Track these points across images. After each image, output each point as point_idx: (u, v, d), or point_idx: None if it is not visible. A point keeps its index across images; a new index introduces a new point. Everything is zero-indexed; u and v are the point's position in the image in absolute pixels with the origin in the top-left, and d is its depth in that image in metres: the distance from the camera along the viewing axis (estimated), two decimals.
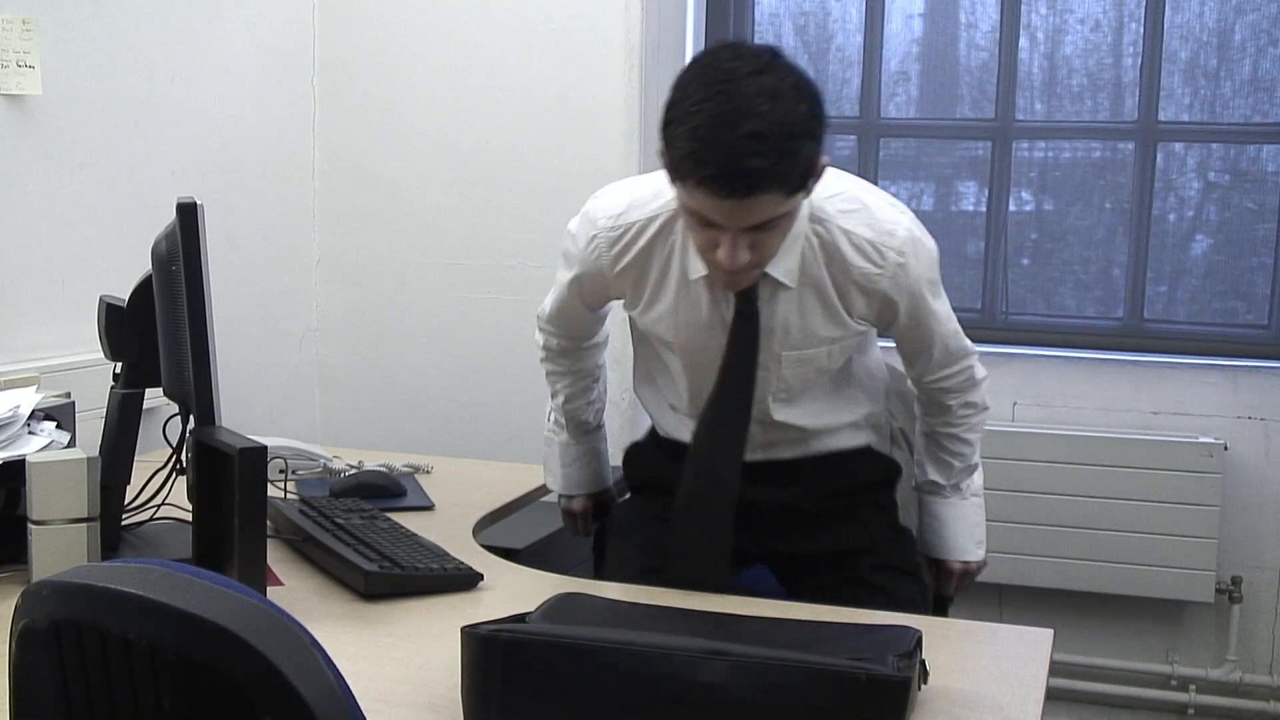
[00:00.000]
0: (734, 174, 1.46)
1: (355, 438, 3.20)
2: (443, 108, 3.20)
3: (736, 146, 1.45)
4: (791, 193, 1.52)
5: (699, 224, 1.57)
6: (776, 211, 1.53)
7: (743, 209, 1.50)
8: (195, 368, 1.64)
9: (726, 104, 1.47)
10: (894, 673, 1.18)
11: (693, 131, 1.47)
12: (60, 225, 2.47)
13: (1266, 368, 3.12)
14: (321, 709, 0.85)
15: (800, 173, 1.51)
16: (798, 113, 1.49)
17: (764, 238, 1.56)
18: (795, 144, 1.48)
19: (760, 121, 1.46)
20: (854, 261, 1.71)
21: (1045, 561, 3.12)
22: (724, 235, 1.54)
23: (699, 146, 1.47)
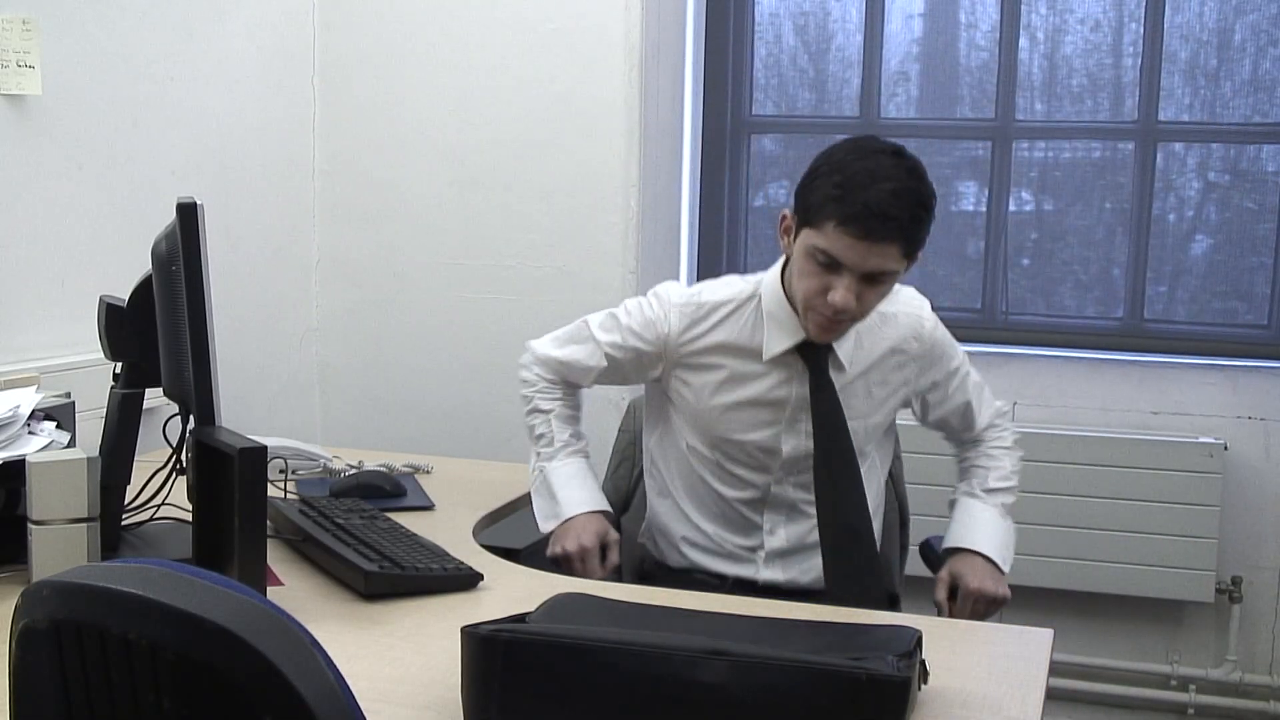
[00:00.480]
0: (874, 217, 1.71)
1: (355, 438, 3.20)
2: (443, 108, 3.20)
3: (880, 196, 1.71)
4: (906, 254, 1.77)
5: (818, 269, 1.78)
6: (890, 266, 1.77)
7: (871, 253, 1.74)
8: (195, 368, 1.64)
9: (873, 166, 1.74)
10: (894, 673, 1.18)
11: (841, 181, 1.73)
12: (60, 225, 2.47)
13: (1266, 368, 3.12)
14: (321, 709, 0.85)
15: (917, 241, 1.77)
16: (926, 190, 1.77)
17: (869, 292, 1.79)
18: (922, 213, 1.76)
19: (900, 184, 1.73)
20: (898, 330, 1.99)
21: (1045, 561, 3.12)
22: (840, 280, 1.77)
23: (846, 192, 1.72)
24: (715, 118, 3.44)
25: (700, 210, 3.47)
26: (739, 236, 3.45)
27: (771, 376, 1.94)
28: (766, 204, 3.47)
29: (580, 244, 3.15)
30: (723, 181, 3.46)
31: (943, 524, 2.11)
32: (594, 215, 3.14)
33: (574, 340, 2.09)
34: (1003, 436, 2.12)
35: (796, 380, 1.94)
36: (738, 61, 3.43)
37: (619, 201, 3.12)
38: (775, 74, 3.45)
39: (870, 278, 1.77)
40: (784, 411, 1.95)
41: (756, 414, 1.96)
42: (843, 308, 1.77)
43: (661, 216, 3.28)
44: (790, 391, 1.94)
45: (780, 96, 3.43)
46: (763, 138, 3.46)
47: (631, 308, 2.02)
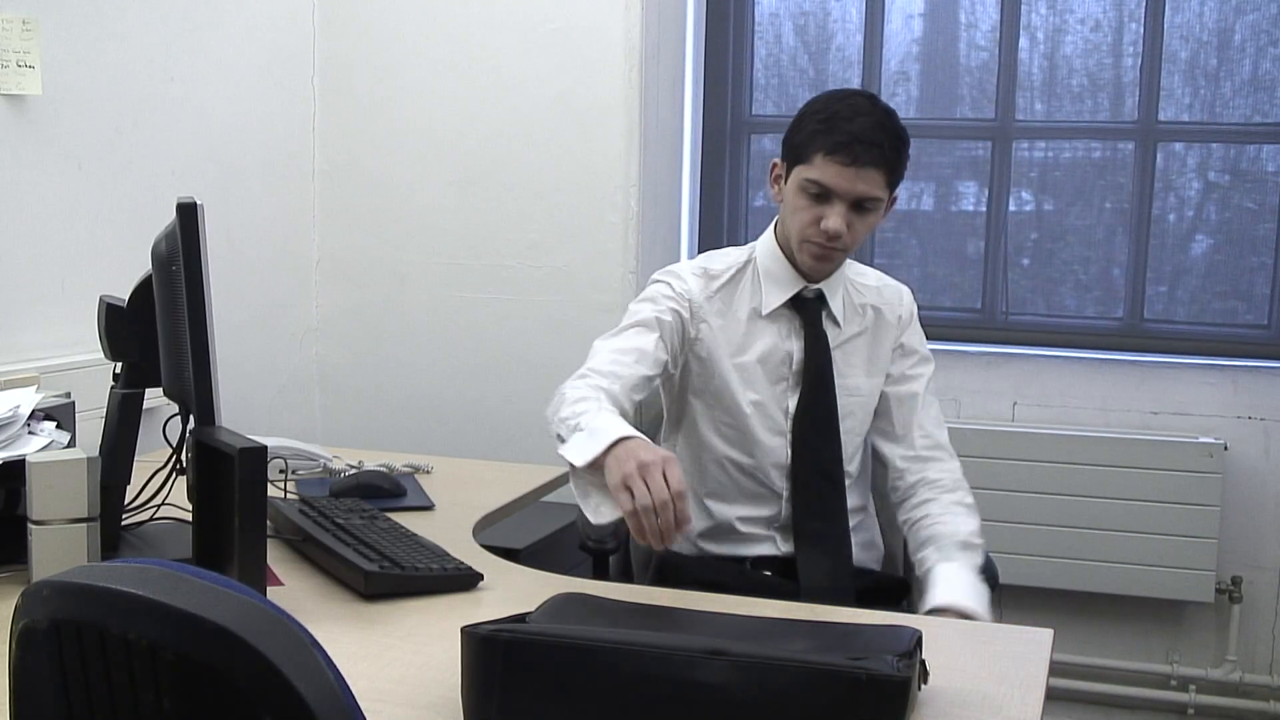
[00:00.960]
0: (860, 143, 1.86)
1: (355, 438, 3.20)
2: (443, 108, 3.21)
3: (863, 127, 1.87)
4: (888, 182, 1.91)
5: (810, 201, 1.91)
6: (876, 192, 1.89)
7: (858, 178, 1.87)
8: (195, 368, 1.64)
9: (854, 103, 1.91)
10: (894, 672, 1.18)
11: (827, 118, 1.89)
12: (60, 225, 2.47)
13: (1266, 368, 3.12)
14: (321, 709, 0.85)
15: (898, 170, 1.92)
16: (901, 128, 1.93)
17: (858, 221, 1.91)
18: (900, 145, 1.91)
19: (879, 118, 1.90)
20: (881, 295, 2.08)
21: (1045, 561, 3.12)
22: (831, 208, 1.89)
23: (832, 124, 1.88)
24: (715, 118, 3.44)
25: (700, 210, 3.47)
26: (739, 236, 3.45)
27: (772, 333, 2.02)
28: (766, 204, 3.47)
29: (580, 244, 3.15)
30: (723, 181, 3.46)
31: None
32: (594, 215, 3.14)
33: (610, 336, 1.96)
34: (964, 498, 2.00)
35: (795, 336, 2.02)
36: (738, 61, 3.43)
37: (619, 201, 3.12)
38: (775, 74, 3.45)
39: (858, 206, 1.90)
40: (789, 368, 2.01)
41: (765, 372, 2.01)
42: (835, 232, 1.89)
43: (661, 216, 3.28)
44: (792, 347, 2.02)
45: (780, 96, 3.43)
46: (763, 138, 3.45)
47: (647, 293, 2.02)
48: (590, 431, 1.69)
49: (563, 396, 1.83)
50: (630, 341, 1.93)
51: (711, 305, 2.01)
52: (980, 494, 3.07)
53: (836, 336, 2.03)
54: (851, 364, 2.04)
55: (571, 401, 1.79)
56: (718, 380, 2.02)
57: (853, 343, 2.05)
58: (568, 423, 1.75)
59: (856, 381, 2.04)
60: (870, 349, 2.06)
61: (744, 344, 2.02)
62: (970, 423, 3.17)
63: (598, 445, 1.65)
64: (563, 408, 1.79)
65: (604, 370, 1.88)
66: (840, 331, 2.04)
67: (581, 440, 1.69)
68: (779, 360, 2.02)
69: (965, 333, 3.30)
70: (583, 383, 1.85)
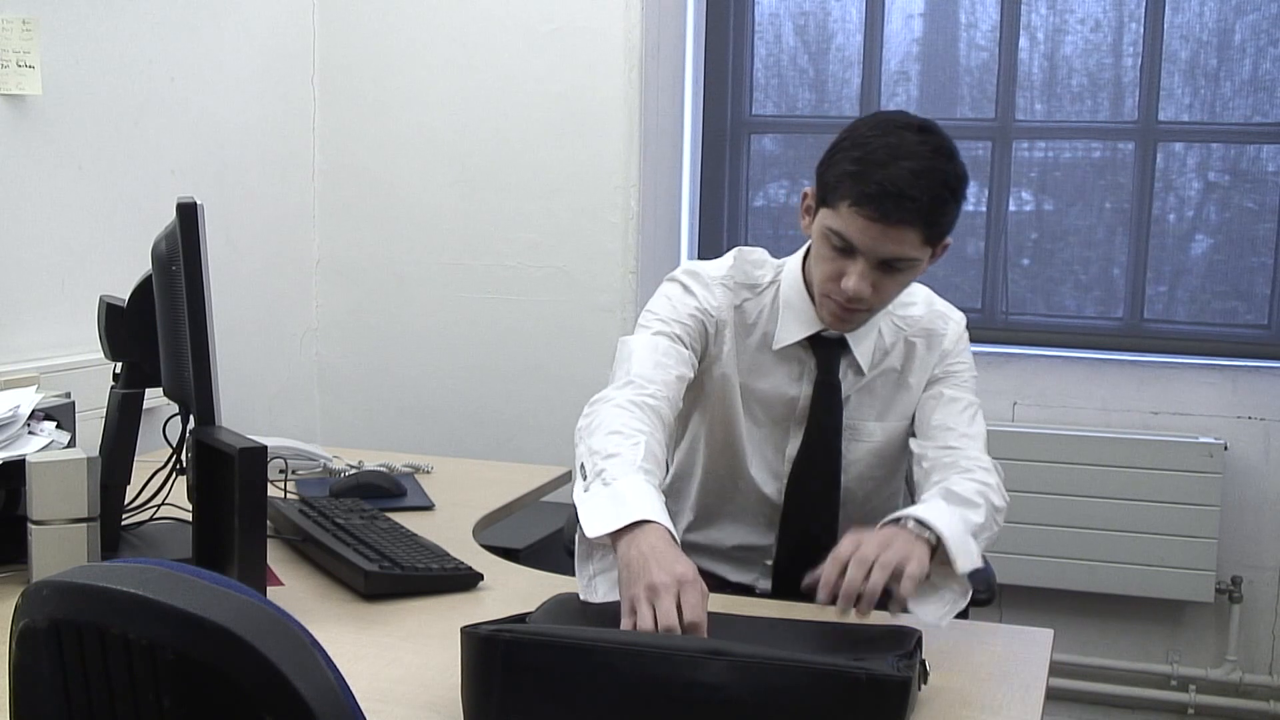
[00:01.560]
0: (891, 197, 1.58)
1: (355, 438, 3.20)
2: (443, 108, 3.21)
3: (898, 176, 1.59)
4: (927, 240, 1.64)
5: (833, 253, 1.67)
6: (909, 253, 1.64)
7: (886, 236, 1.62)
8: (195, 368, 1.64)
9: (896, 142, 1.61)
10: (893, 673, 1.18)
11: (860, 157, 1.61)
12: (60, 225, 2.47)
13: (1266, 368, 3.12)
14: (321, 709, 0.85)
15: (941, 225, 1.65)
16: (954, 170, 1.64)
17: (886, 280, 1.68)
18: (946, 194, 1.62)
19: (923, 163, 1.60)
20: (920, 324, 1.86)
21: (1045, 561, 3.12)
22: (855, 265, 1.65)
23: (864, 169, 1.60)
24: (715, 118, 3.44)
25: (700, 210, 3.47)
26: (739, 237, 3.45)
27: (782, 371, 1.83)
28: (766, 204, 3.47)
29: (580, 244, 3.15)
30: (723, 181, 3.46)
31: None
32: (594, 215, 3.14)
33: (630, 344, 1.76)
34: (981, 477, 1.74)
35: (806, 379, 1.83)
36: (738, 61, 3.43)
37: (619, 201, 3.12)
38: (775, 74, 3.45)
39: (887, 265, 1.65)
40: (792, 411, 1.85)
41: (767, 408, 1.85)
42: (855, 296, 1.65)
43: (661, 216, 3.28)
44: (799, 392, 1.83)
45: (780, 96, 3.43)
46: (763, 138, 3.46)
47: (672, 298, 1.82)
48: (614, 496, 1.46)
49: (602, 414, 1.60)
50: (665, 344, 1.74)
51: (734, 322, 1.82)
52: None
53: (855, 383, 1.83)
54: (865, 405, 1.84)
55: (608, 431, 1.56)
56: (724, 405, 1.85)
57: (872, 385, 1.84)
58: (595, 458, 1.52)
59: (869, 426, 1.85)
60: (893, 390, 1.85)
61: (752, 371, 1.83)
62: None
63: (614, 521, 1.43)
64: (597, 433, 1.57)
65: (650, 378, 1.67)
66: (861, 378, 1.83)
67: (601, 503, 1.46)
68: (783, 402, 1.84)
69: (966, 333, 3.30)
70: (626, 400, 1.62)
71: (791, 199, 3.42)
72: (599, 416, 1.60)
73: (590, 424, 1.60)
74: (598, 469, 1.51)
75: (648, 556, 1.38)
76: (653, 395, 1.64)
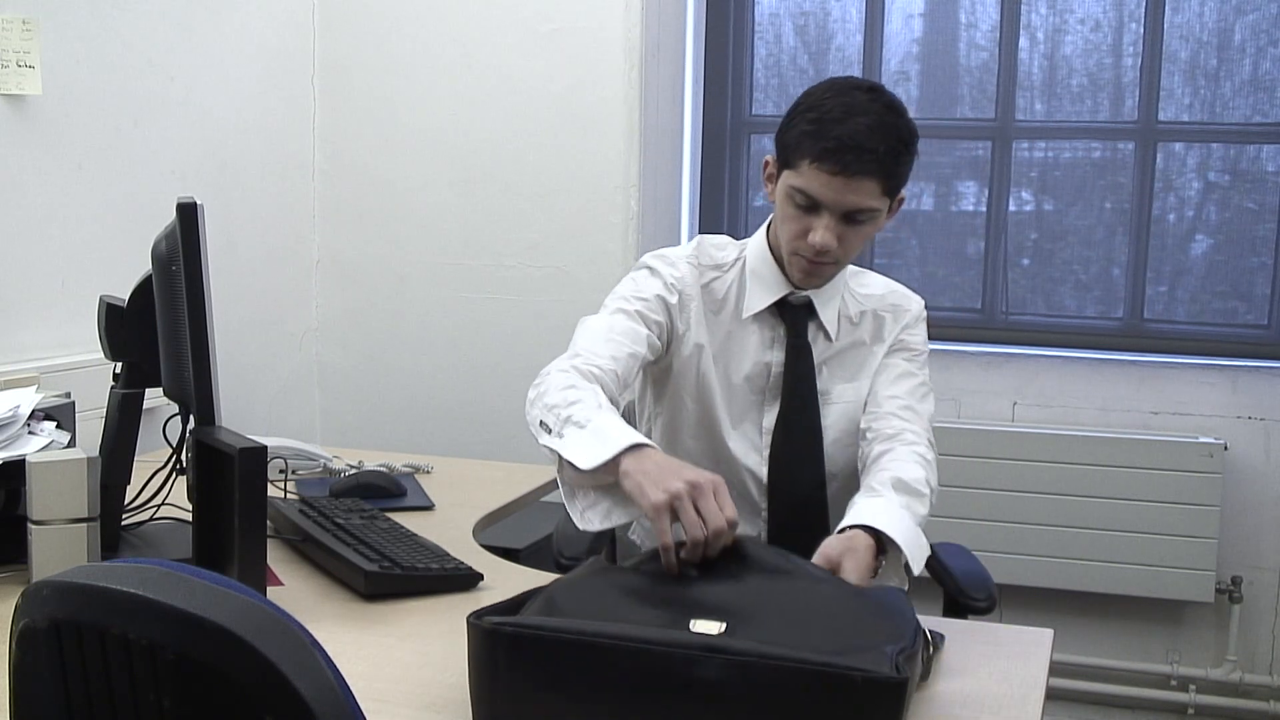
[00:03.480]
0: (849, 149, 1.67)
1: (355, 438, 3.20)
2: (443, 108, 3.21)
3: (855, 130, 1.68)
4: (886, 191, 1.72)
5: (798, 211, 1.75)
6: (870, 203, 1.72)
7: (848, 188, 1.69)
8: (195, 368, 1.64)
9: (850, 101, 1.71)
10: (891, 674, 1.18)
11: (817, 118, 1.71)
12: (60, 225, 2.47)
13: (1266, 368, 3.12)
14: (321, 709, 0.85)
15: (897, 176, 1.73)
16: (905, 125, 1.74)
17: (850, 233, 1.75)
18: (901, 147, 1.72)
19: (876, 118, 1.70)
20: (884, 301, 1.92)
21: (1045, 561, 3.12)
22: (820, 220, 1.73)
23: (822, 127, 1.70)
24: (715, 118, 3.44)
25: (700, 210, 3.47)
26: (739, 236, 3.42)
27: (754, 340, 1.88)
28: (766, 204, 3.47)
29: (580, 244, 3.15)
30: (723, 182, 3.46)
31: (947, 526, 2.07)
32: (594, 215, 3.14)
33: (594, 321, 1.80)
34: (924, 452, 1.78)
35: (777, 345, 1.88)
36: (738, 61, 3.43)
37: (619, 201, 3.12)
38: (775, 74, 3.45)
39: (850, 217, 1.73)
40: (766, 380, 1.88)
41: (743, 381, 1.88)
42: (823, 248, 1.73)
43: (661, 216, 3.28)
44: (772, 358, 1.88)
45: (780, 96, 3.43)
46: (763, 138, 3.45)
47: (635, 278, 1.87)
48: (594, 431, 1.53)
49: (547, 383, 1.65)
50: (622, 322, 1.79)
51: (701, 298, 1.88)
52: (980, 494, 3.11)
53: (825, 350, 1.89)
54: (837, 375, 1.90)
55: (561, 388, 1.62)
56: (697, 380, 1.88)
57: (842, 355, 1.90)
58: (556, 412, 1.59)
59: (840, 389, 1.89)
60: (862, 357, 1.90)
61: (725, 346, 1.88)
62: (970, 423, 3.17)
63: (606, 449, 1.49)
64: (549, 393, 1.62)
65: (597, 352, 1.72)
66: (830, 345, 1.89)
67: (583, 439, 1.53)
68: (757, 371, 1.88)
69: (965, 333, 3.30)
70: (569, 367, 1.68)
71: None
72: (546, 382, 1.66)
73: (540, 390, 1.66)
74: (563, 417, 1.58)
75: (663, 465, 1.46)
76: (597, 366, 1.70)
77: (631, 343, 1.77)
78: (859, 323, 1.91)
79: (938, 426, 1.95)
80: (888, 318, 1.92)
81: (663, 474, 1.44)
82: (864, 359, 1.90)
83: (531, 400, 1.67)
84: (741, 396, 1.89)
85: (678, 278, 1.86)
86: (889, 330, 1.91)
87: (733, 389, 1.89)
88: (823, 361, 1.89)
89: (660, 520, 1.40)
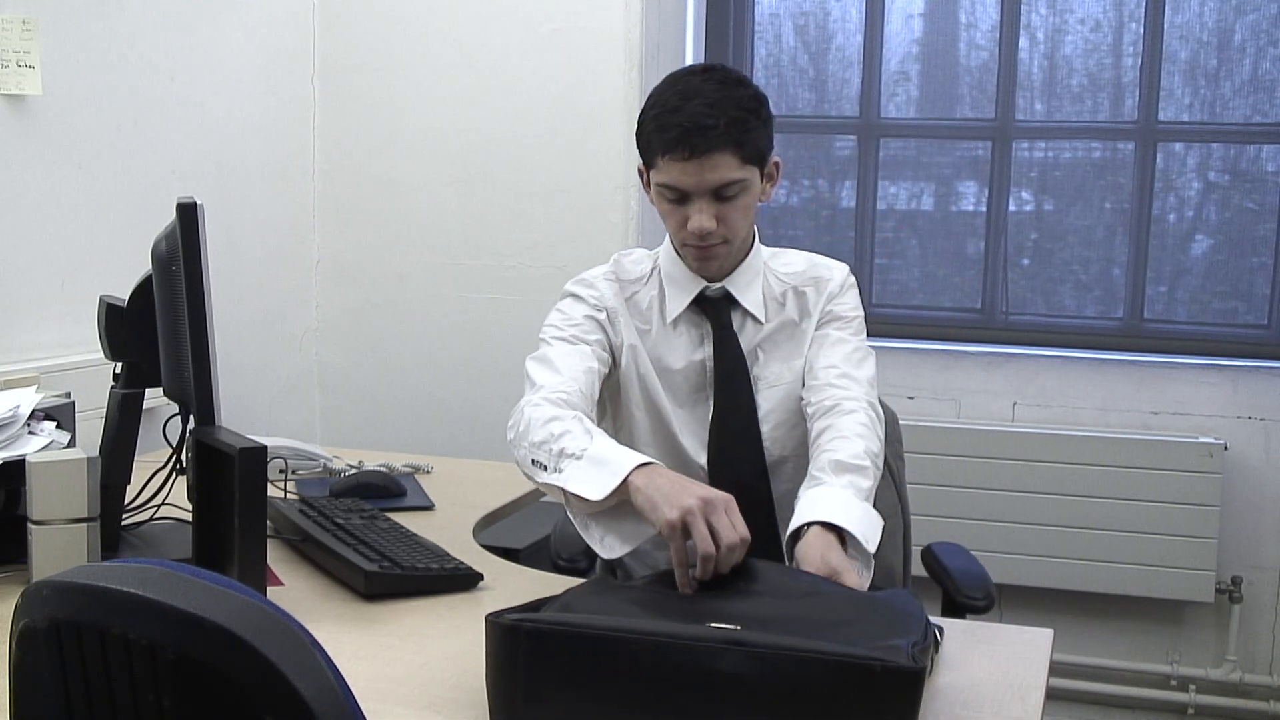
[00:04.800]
0: (691, 132, 1.69)
1: (355, 438, 3.20)
2: (443, 108, 3.21)
3: (693, 112, 1.70)
4: (744, 160, 1.73)
5: (671, 206, 1.77)
6: (733, 175, 1.73)
7: (704, 168, 1.71)
8: (195, 368, 1.64)
9: (684, 88, 1.74)
10: (909, 664, 1.20)
11: (659, 112, 1.74)
12: (60, 225, 2.47)
13: (1266, 368, 3.12)
14: (321, 709, 0.85)
15: (751, 142, 1.73)
16: (743, 94, 1.75)
17: (727, 209, 1.76)
18: (742, 114, 1.72)
19: (712, 95, 1.72)
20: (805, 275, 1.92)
21: (1045, 561, 3.12)
22: (692, 206, 1.75)
23: (662, 122, 1.72)
24: None
25: None
26: None
27: (683, 342, 1.87)
28: (765, 204, 3.47)
29: (580, 244, 3.15)
30: None
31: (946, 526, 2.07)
32: (594, 215, 3.14)
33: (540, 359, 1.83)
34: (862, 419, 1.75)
35: (706, 341, 1.87)
36: (738, 61, 3.43)
37: (619, 201, 3.12)
38: (775, 74, 3.45)
39: (719, 194, 1.74)
40: (704, 377, 1.87)
41: (683, 384, 1.88)
42: (703, 231, 1.74)
43: None
44: (705, 354, 1.87)
45: (780, 96, 3.43)
46: None
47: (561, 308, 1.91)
48: (593, 459, 1.54)
49: (525, 419, 1.67)
50: (563, 348, 1.82)
51: (626, 312, 1.89)
52: (980, 494, 3.11)
53: (756, 334, 1.88)
54: (773, 357, 1.88)
55: (543, 422, 1.63)
56: (645, 392, 1.88)
57: (774, 336, 1.89)
58: (546, 447, 1.60)
59: (776, 370, 1.88)
60: (795, 335, 1.89)
61: (661, 355, 1.88)
62: (970, 423, 3.17)
63: (613, 476, 1.51)
64: (532, 430, 1.64)
65: (556, 383, 1.74)
66: (761, 328, 1.88)
67: (584, 471, 1.54)
68: (693, 370, 1.87)
69: (965, 333, 3.30)
70: (541, 399, 1.70)
71: (791, 199, 3.42)
72: (523, 420, 1.68)
73: (520, 430, 1.68)
74: (556, 451, 1.60)
75: (675, 482, 1.49)
76: (563, 392, 1.73)
77: (580, 359, 1.81)
78: (784, 301, 1.90)
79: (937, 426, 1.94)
80: (809, 291, 1.90)
81: (675, 491, 1.47)
82: (796, 337, 1.89)
83: (513, 441, 1.69)
84: (685, 397, 1.88)
85: (598, 296, 1.89)
86: (814, 304, 1.90)
87: (675, 392, 1.88)
88: (756, 345, 1.88)
89: (675, 537, 1.43)
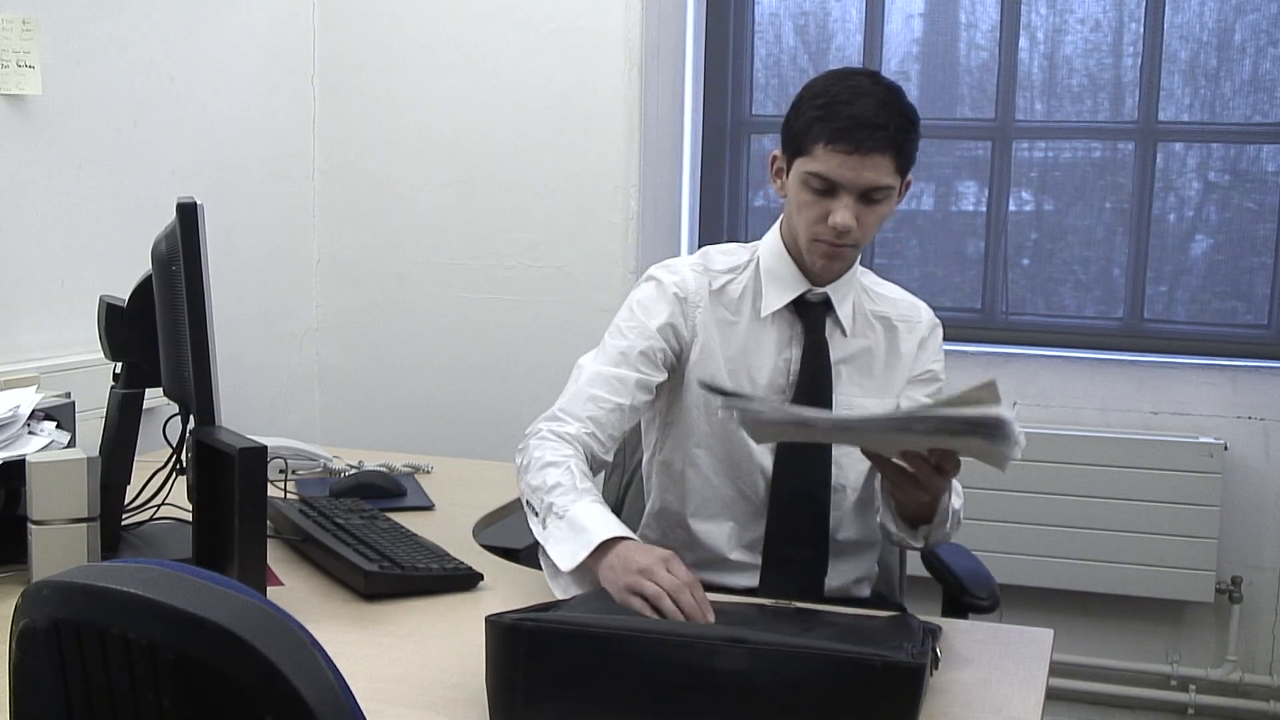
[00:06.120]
0: (862, 127, 1.70)
1: (355, 438, 3.20)
2: (443, 108, 3.20)
3: (864, 109, 1.71)
4: (899, 168, 1.75)
5: (815, 197, 1.76)
6: (885, 180, 1.74)
7: (864, 165, 1.71)
8: (195, 368, 1.64)
9: (854, 84, 1.75)
10: (909, 660, 1.20)
11: (825, 103, 1.73)
12: (60, 225, 2.47)
13: (1266, 368, 3.12)
14: (321, 709, 0.85)
15: (908, 153, 1.76)
16: (908, 105, 1.77)
17: (867, 212, 1.76)
18: (908, 123, 1.75)
19: (881, 97, 1.74)
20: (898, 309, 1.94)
21: (1045, 561, 3.12)
22: (838, 201, 1.74)
23: (831, 110, 1.72)
24: (715, 118, 3.44)
25: (700, 210, 3.47)
26: (739, 236, 3.44)
27: (771, 339, 1.87)
28: (766, 204, 3.47)
29: (580, 244, 3.15)
30: (723, 181, 3.46)
31: None
32: (594, 215, 3.14)
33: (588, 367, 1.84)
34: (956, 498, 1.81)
35: (795, 343, 1.87)
36: (738, 61, 3.43)
37: (619, 201, 3.12)
38: (775, 74, 3.45)
39: (867, 196, 1.74)
40: (787, 378, 1.86)
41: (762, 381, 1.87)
42: (845, 228, 1.73)
43: (661, 216, 3.28)
44: (791, 355, 1.87)
45: (780, 96, 3.43)
46: (763, 138, 3.45)
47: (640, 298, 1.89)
48: (571, 524, 1.62)
49: (530, 455, 1.73)
50: (609, 373, 1.81)
51: (709, 305, 1.87)
52: (980, 494, 3.11)
53: (842, 348, 1.88)
54: (856, 381, 1.88)
55: (540, 466, 1.70)
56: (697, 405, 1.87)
57: (860, 358, 1.89)
58: (539, 496, 1.68)
59: (861, 401, 1.88)
60: (882, 370, 1.90)
61: (741, 349, 1.87)
62: None
63: (582, 548, 1.58)
64: (532, 470, 1.71)
65: (576, 412, 1.78)
66: (847, 343, 1.88)
67: (563, 535, 1.62)
68: (777, 369, 1.86)
69: (965, 333, 3.30)
70: (552, 433, 1.75)
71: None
72: (530, 453, 1.75)
73: (525, 460, 1.75)
74: (546, 504, 1.66)
75: (626, 557, 1.53)
76: (575, 428, 1.77)
77: (616, 395, 1.80)
78: (874, 325, 1.90)
79: None
80: (901, 328, 1.91)
81: (619, 570, 1.52)
82: (879, 370, 1.90)
83: (519, 467, 1.76)
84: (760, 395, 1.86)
85: (679, 282, 1.87)
86: (905, 347, 1.91)
87: (751, 388, 1.86)
88: (839, 361, 1.88)
89: (630, 603, 1.47)
